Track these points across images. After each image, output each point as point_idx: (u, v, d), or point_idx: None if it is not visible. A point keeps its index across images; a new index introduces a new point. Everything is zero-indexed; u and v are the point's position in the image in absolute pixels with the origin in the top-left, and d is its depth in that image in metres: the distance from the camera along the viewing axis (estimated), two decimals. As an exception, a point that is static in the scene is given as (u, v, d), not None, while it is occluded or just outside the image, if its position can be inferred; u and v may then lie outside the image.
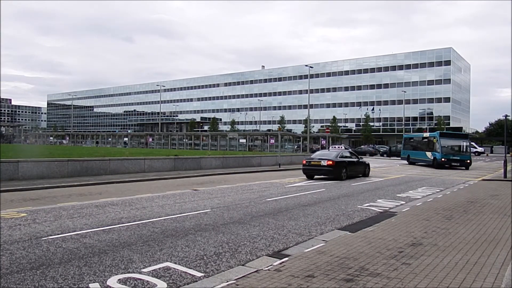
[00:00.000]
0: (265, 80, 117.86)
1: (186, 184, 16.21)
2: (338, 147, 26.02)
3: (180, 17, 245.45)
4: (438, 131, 33.92)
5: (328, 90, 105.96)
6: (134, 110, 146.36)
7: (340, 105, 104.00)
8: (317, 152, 22.44)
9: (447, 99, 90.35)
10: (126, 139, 77.19)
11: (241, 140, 58.68)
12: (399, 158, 42.76)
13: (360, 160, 22.06)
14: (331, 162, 19.05)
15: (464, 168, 29.97)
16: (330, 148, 26.47)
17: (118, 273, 5.26)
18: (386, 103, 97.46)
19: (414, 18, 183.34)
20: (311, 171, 19.92)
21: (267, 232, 7.83)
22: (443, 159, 29.72)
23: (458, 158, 30.07)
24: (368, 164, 22.65)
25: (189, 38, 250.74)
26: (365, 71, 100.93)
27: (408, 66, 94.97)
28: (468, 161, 30.13)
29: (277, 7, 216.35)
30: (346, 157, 20.69)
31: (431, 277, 5.03)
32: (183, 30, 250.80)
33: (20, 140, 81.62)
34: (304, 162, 20.44)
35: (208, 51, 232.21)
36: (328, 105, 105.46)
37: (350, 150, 26.73)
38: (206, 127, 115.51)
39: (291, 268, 5.31)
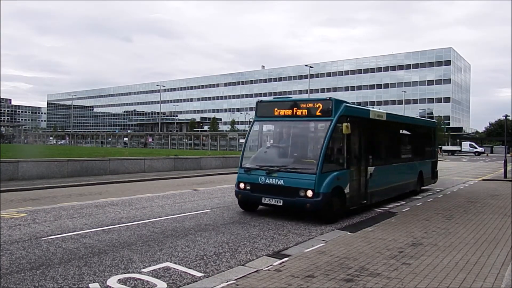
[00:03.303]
0: (265, 80, 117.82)
1: (186, 184, 16.20)
2: None
3: (179, 16, 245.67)
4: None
5: (328, 90, 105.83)
6: (134, 110, 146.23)
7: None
8: None
9: (447, 99, 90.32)
10: (126, 139, 77.21)
11: (241, 140, 58.65)
12: None
13: None
14: None
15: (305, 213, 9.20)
16: None
17: (118, 273, 5.26)
18: (386, 103, 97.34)
19: (414, 18, 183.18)
20: None
21: (267, 232, 7.83)
22: (241, 186, 9.61)
23: (281, 182, 8.72)
24: None
25: (188, 37, 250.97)
26: (365, 71, 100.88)
27: (408, 66, 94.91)
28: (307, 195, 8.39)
29: (277, 7, 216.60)
30: None
31: (431, 277, 5.03)
32: (182, 30, 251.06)
33: (20, 140, 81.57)
34: None
35: (207, 51, 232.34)
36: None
37: None
38: (206, 127, 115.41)
39: (291, 268, 5.31)
